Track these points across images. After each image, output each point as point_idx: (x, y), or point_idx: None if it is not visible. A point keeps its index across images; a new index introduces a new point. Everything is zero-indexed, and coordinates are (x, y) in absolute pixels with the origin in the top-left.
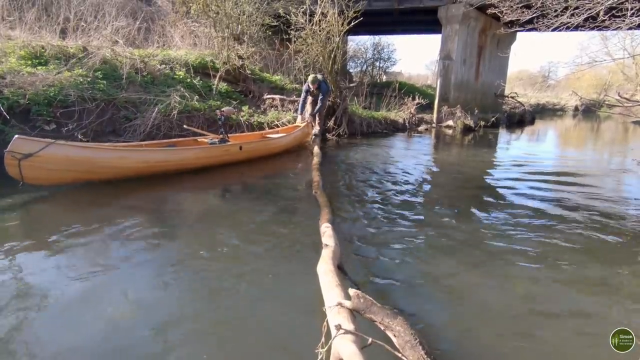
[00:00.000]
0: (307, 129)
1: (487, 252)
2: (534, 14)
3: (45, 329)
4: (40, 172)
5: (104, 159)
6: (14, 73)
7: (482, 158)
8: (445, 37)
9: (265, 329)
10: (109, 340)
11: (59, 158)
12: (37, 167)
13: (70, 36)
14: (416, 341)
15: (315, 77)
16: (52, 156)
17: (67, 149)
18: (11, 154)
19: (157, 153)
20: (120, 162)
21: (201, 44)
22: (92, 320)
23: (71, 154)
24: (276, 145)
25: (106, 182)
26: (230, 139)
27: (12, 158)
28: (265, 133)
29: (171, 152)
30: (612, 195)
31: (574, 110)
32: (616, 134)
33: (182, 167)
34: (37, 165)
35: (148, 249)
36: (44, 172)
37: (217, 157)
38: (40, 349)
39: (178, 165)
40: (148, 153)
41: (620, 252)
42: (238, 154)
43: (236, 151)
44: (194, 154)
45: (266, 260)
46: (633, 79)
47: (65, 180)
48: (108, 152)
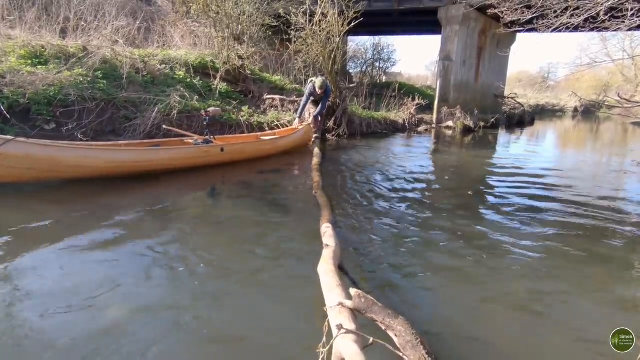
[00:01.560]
0: (308, 130)
1: (488, 253)
2: (534, 14)
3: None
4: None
5: (67, 157)
6: (14, 72)
7: (481, 159)
8: (445, 38)
9: (265, 329)
10: (104, 342)
11: (19, 156)
12: None
13: (71, 36)
14: (417, 341)
15: (324, 82)
16: (11, 154)
17: (28, 146)
18: None
19: (124, 153)
20: (84, 161)
21: (201, 44)
22: (84, 320)
23: (32, 152)
24: (267, 148)
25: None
26: (218, 140)
27: None
28: (261, 135)
29: (141, 152)
30: (612, 196)
31: (574, 111)
32: (615, 135)
33: (153, 169)
34: None
35: (143, 249)
36: (2, 170)
37: (195, 158)
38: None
39: (149, 166)
40: (115, 153)
41: (620, 253)
42: (219, 156)
43: (217, 153)
44: (169, 155)
45: (266, 261)
46: (632, 80)
47: (26, 179)
48: (72, 151)
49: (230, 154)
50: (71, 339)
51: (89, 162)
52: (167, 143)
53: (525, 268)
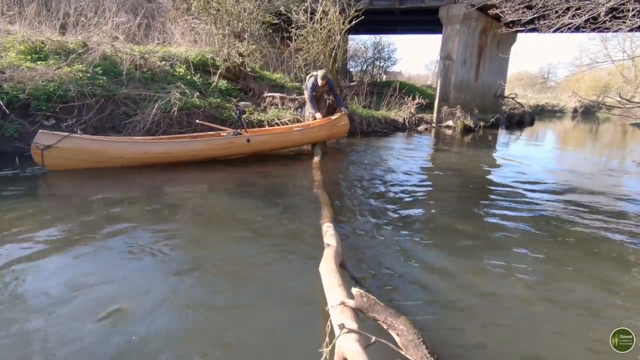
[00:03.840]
0: (342, 120)
1: (489, 252)
2: (535, 14)
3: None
4: (58, 160)
5: (111, 150)
6: (13, 68)
7: (481, 159)
8: (446, 37)
9: (267, 329)
10: (103, 335)
11: (73, 149)
12: (55, 157)
13: (70, 31)
14: (419, 340)
15: (326, 73)
16: (66, 148)
17: (80, 141)
18: (35, 145)
19: (157, 145)
20: (124, 152)
21: (201, 41)
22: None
23: (83, 145)
24: (293, 138)
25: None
26: (249, 132)
27: (36, 148)
28: (295, 127)
29: (171, 144)
30: (612, 195)
31: (573, 112)
32: (615, 135)
33: (182, 159)
34: (55, 154)
35: (141, 244)
36: (61, 161)
37: (221, 149)
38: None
39: (178, 157)
40: (148, 145)
41: (620, 253)
42: (246, 147)
43: (243, 144)
44: (196, 147)
45: (267, 260)
46: (632, 81)
47: (79, 167)
48: (114, 144)
49: (257, 144)
50: (70, 334)
51: (129, 153)
52: (204, 136)
53: (525, 268)
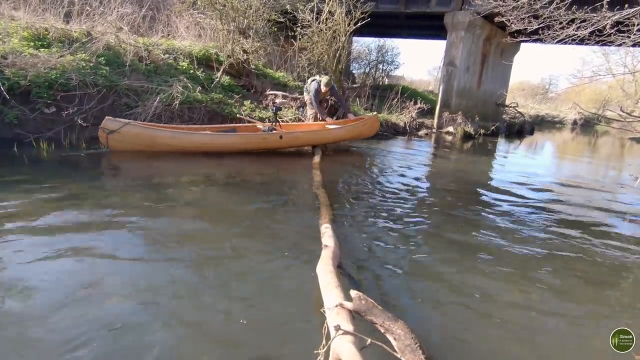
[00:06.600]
0: (373, 121)
1: (486, 256)
2: (541, 24)
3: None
4: (119, 143)
5: (161, 137)
6: (16, 54)
7: (481, 166)
8: (450, 44)
9: (263, 330)
10: (101, 331)
11: (131, 134)
12: (117, 140)
13: (75, 20)
14: (416, 345)
15: (330, 80)
16: (127, 132)
17: (137, 128)
18: (102, 129)
19: (199, 136)
20: (171, 141)
21: (206, 36)
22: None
23: (140, 132)
24: (324, 136)
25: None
26: (284, 128)
27: (103, 132)
28: (327, 124)
29: (211, 136)
30: (609, 206)
31: (573, 124)
32: (613, 149)
33: (219, 150)
34: (117, 138)
35: (136, 243)
36: (121, 144)
37: (255, 144)
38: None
39: (216, 147)
40: (191, 135)
41: (618, 259)
42: (278, 142)
43: (276, 139)
44: (232, 140)
45: (265, 260)
46: (632, 95)
47: (134, 149)
48: (163, 132)
49: (288, 141)
50: (66, 325)
51: (175, 142)
52: (242, 128)
53: (523, 273)
